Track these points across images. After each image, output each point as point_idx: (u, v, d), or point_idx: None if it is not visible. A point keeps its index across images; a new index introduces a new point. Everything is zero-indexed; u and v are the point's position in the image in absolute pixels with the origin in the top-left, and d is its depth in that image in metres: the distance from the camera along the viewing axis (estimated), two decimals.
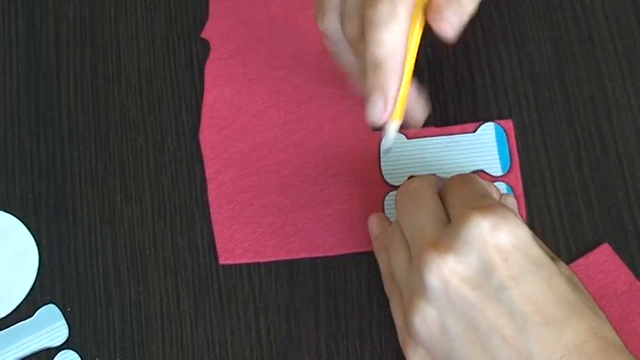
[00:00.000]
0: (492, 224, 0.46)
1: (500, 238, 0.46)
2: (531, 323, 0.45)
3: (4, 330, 0.57)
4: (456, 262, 0.46)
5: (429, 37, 0.62)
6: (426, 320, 0.47)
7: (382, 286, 0.56)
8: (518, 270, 0.46)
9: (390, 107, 0.50)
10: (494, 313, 0.45)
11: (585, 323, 0.45)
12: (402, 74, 0.51)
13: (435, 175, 0.53)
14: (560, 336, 0.45)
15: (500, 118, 0.59)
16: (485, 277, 0.46)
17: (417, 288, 0.47)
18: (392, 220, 0.57)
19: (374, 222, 0.56)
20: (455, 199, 0.49)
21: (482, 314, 0.45)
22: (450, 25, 0.50)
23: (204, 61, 0.62)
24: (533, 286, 0.45)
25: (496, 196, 0.52)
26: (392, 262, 0.51)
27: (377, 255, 0.55)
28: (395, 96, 0.50)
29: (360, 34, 0.51)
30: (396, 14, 0.49)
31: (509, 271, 0.45)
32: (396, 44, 0.49)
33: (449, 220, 0.48)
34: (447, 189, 0.50)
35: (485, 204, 0.47)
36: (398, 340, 0.52)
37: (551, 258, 0.48)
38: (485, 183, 0.51)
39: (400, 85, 0.50)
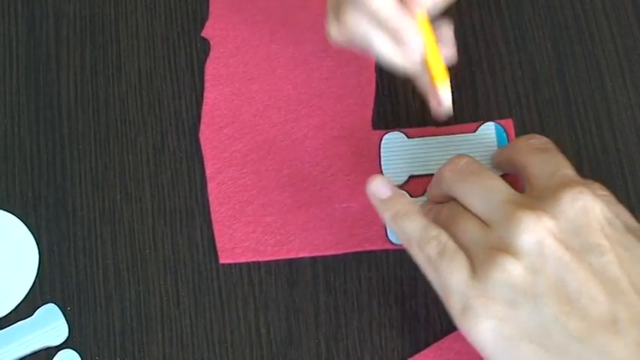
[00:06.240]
0: (592, 197, 0.48)
1: (598, 210, 0.48)
2: (619, 290, 0.46)
3: (4, 329, 0.57)
4: (553, 223, 0.48)
5: None
6: (512, 275, 0.47)
7: (382, 285, 0.56)
8: (609, 239, 0.47)
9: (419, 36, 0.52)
10: (586, 275, 0.47)
11: None
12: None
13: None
14: None
15: (501, 118, 0.59)
16: (579, 241, 0.47)
17: (501, 246, 0.48)
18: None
19: (381, 182, 0.53)
20: (546, 166, 0.51)
21: (574, 274, 0.47)
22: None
23: (205, 61, 0.62)
24: (622, 257, 0.47)
25: None
26: (458, 230, 0.50)
27: (396, 220, 0.52)
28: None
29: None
30: None
31: (603, 240, 0.47)
32: None
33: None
34: (528, 152, 0.52)
35: (582, 180, 0.50)
36: (397, 340, 0.52)
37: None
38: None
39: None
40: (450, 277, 0.49)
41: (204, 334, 0.57)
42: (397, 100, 0.61)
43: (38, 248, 0.59)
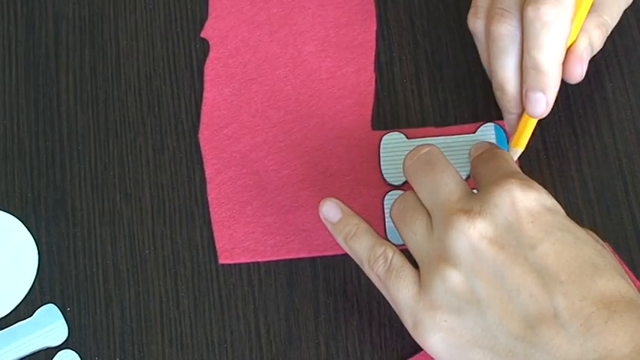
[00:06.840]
0: (521, 189, 0.48)
1: (529, 202, 0.47)
2: (557, 281, 0.46)
3: (4, 330, 0.57)
4: (484, 225, 0.47)
5: (428, 37, 0.62)
6: (452, 283, 0.47)
7: None
8: (544, 231, 0.47)
9: (550, 104, 0.53)
10: (522, 271, 0.46)
11: (612, 285, 0.46)
12: (560, 75, 0.53)
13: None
14: (587, 294, 0.45)
15: (500, 118, 0.59)
16: (513, 237, 0.47)
17: (440, 253, 0.48)
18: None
19: (331, 206, 0.54)
20: (487, 171, 0.51)
21: (510, 272, 0.46)
22: (583, 69, 0.54)
23: (204, 61, 0.62)
24: (559, 246, 0.47)
25: None
26: (406, 231, 0.51)
27: (346, 242, 0.53)
28: (555, 95, 0.53)
29: (512, 34, 0.52)
30: (560, 17, 0.50)
31: (536, 231, 0.47)
32: (559, 47, 0.51)
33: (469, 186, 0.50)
34: (477, 164, 0.52)
35: (515, 175, 0.49)
36: (397, 340, 0.52)
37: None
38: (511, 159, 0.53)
39: (559, 84, 0.53)
40: (398, 294, 0.50)
41: (203, 335, 0.57)
42: (397, 101, 0.61)
43: (38, 249, 0.59)
